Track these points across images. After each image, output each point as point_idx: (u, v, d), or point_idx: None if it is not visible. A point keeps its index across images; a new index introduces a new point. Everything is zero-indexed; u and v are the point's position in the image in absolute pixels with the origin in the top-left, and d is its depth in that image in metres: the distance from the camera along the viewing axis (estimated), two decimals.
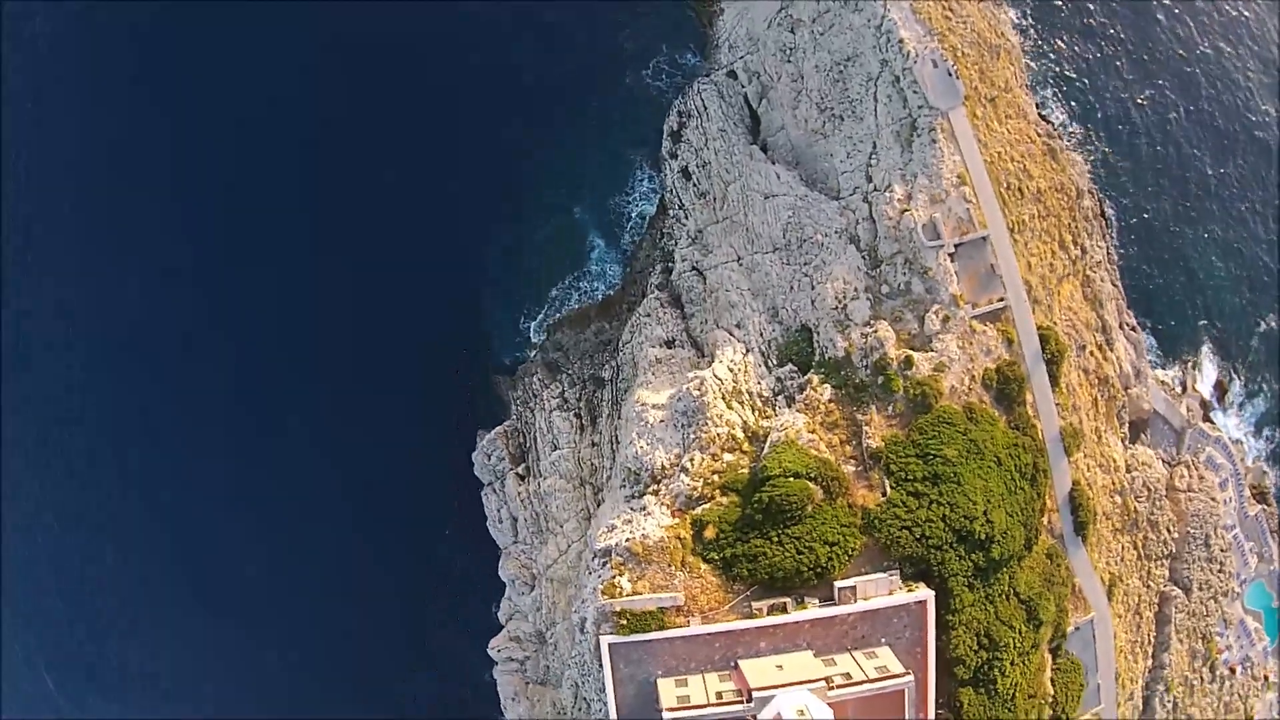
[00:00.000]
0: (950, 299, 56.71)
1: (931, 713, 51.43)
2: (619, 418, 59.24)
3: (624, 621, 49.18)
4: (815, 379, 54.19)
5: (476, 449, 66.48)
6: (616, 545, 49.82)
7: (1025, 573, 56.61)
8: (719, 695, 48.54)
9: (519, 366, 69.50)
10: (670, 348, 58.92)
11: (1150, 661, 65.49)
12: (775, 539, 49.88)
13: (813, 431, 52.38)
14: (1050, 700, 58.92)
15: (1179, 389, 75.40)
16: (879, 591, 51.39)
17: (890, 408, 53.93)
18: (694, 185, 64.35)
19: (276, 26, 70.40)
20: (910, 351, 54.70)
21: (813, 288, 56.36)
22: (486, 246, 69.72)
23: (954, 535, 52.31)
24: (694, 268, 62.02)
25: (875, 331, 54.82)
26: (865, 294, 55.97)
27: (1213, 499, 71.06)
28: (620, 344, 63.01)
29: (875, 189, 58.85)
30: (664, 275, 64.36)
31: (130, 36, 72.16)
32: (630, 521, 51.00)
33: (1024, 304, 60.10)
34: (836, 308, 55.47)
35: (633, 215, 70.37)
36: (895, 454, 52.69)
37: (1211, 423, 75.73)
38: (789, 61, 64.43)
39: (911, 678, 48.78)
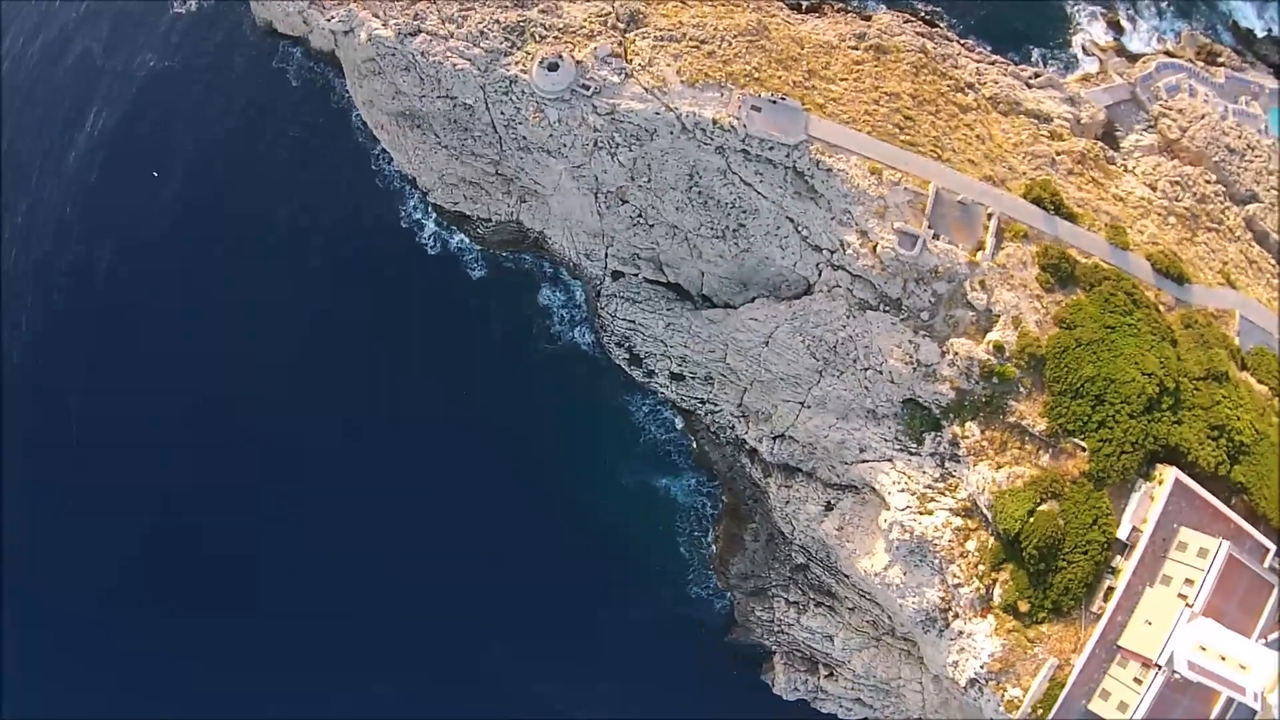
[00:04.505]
0: (968, 266, 57.49)
1: (1245, 524, 58.44)
2: (848, 579, 62.67)
3: (1040, 712, 55.63)
4: (956, 429, 56.74)
5: (775, 688, 69.61)
6: (978, 676, 55.06)
7: (1188, 359, 61.26)
8: (1136, 680, 56.17)
9: (734, 613, 71.11)
10: (831, 509, 61.24)
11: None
12: (1063, 564, 54.74)
13: (999, 468, 55.66)
14: (1270, 393, 65.62)
15: (1095, 67, 76.40)
16: (1144, 508, 56.60)
17: (1021, 389, 56.62)
18: (695, 380, 63.68)
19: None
20: (991, 339, 56.51)
21: (880, 373, 57.45)
22: (598, 573, 69.86)
23: (1144, 413, 56.67)
24: (773, 437, 62.80)
25: (955, 353, 56.40)
26: (919, 334, 56.96)
27: (1200, 116, 74.10)
28: (788, 536, 65.23)
29: (832, 252, 58.14)
30: (757, 462, 65.00)
31: None
32: (963, 650, 55.86)
33: (1001, 195, 60.64)
34: (914, 369, 56.80)
35: (662, 437, 70.57)
36: (1061, 417, 56.00)
37: (1137, 58, 77.40)
38: (650, 226, 61.51)
39: (1224, 541, 55.08)
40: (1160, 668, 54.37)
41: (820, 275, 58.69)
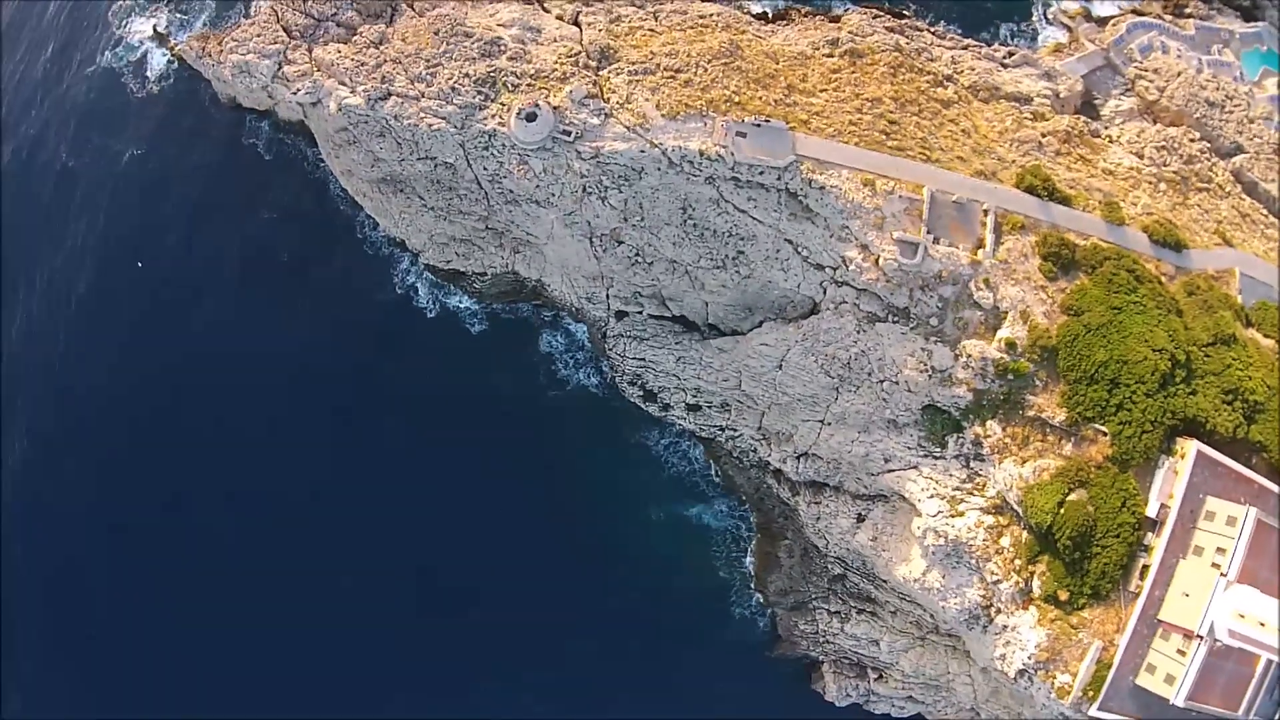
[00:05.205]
0: (971, 266, 57.53)
1: (1268, 483, 59.24)
2: (886, 584, 63.41)
3: (1090, 694, 56.89)
4: (978, 430, 57.18)
5: (827, 696, 70.77)
6: (1026, 666, 56.14)
7: (1195, 326, 61.71)
8: (1180, 652, 57.48)
9: (777, 629, 71.87)
10: (863, 520, 61.89)
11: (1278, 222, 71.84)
12: (1098, 550, 55.65)
13: (1024, 463, 56.21)
14: (1276, 346, 66.23)
15: (1065, 36, 75.92)
16: (1169, 484, 57.33)
17: (1037, 382, 56.99)
18: (711, 409, 63.73)
19: None
20: (1002, 336, 56.76)
21: (896, 383, 57.65)
22: (643, 604, 69.80)
23: (1159, 390, 57.25)
24: (796, 457, 63.13)
25: (968, 355, 56.61)
26: (930, 341, 57.13)
27: (1176, 74, 73.97)
28: (823, 550, 65.83)
29: (834, 269, 58.03)
30: (784, 482, 65.34)
31: None
32: (1009, 643, 56.88)
33: (994, 189, 60.59)
34: (929, 375, 57.04)
35: (686, 468, 70.95)
36: (1079, 405, 56.55)
37: (1107, 21, 76.85)
38: (649, 263, 61.14)
39: (1250, 508, 56.06)
40: (1202, 638, 55.78)
41: (825, 293, 58.67)
